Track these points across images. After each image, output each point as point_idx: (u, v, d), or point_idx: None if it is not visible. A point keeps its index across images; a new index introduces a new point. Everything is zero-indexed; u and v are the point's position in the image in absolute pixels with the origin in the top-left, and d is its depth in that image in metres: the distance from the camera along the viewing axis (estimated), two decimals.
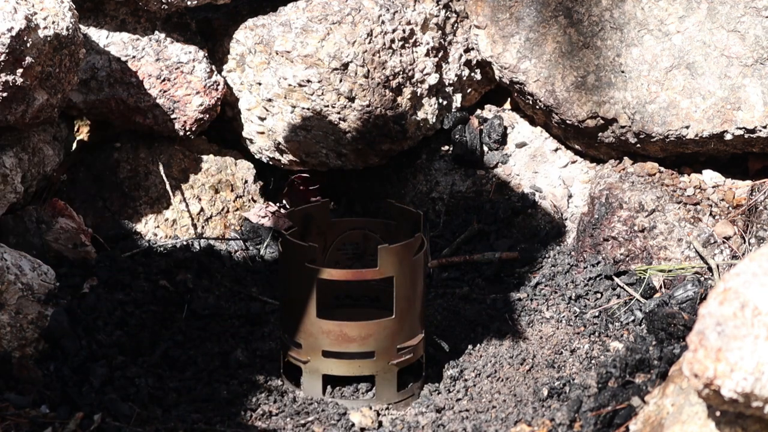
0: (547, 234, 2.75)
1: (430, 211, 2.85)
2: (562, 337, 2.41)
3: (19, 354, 2.20)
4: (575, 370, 2.31)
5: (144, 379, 2.20)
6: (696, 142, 2.67)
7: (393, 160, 2.89)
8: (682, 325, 2.27)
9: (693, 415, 1.63)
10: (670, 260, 2.59)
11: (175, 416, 2.12)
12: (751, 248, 2.58)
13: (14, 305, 2.23)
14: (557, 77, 2.75)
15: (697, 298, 2.41)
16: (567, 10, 2.75)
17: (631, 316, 2.47)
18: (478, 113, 2.97)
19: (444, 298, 2.56)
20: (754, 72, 2.61)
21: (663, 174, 2.72)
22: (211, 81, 2.77)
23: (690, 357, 1.44)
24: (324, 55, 2.73)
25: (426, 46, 2.83)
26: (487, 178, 2.86)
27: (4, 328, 2.20)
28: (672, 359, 2.08)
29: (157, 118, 2.76)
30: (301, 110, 2.78)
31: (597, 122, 2.72)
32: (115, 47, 2.72)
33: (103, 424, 2.03)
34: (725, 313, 1.42)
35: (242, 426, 2.11)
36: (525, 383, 2.25)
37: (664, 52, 2.68)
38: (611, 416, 1.96)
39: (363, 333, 2.16)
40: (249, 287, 2.59)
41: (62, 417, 2.04)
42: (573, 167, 2.85)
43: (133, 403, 2.13)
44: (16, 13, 2.30)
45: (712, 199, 2.69)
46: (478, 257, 2.69)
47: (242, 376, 2.28)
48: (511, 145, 2.92)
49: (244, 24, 2.83)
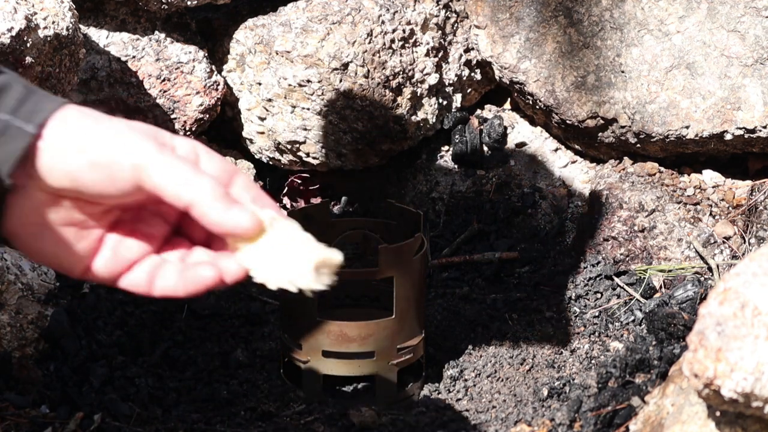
0: (547, 234, 2.75)
1: (430, 211, 2.85)
2: (562, 337, 2.41)
3: (19, 354, 2.20)
4: (575, 370, 2.31)
5: (144, 379, 2.20)
6: (696, 142, 2.68)
7: (393, 160, 2.89)
8: (682, 325, 2.27)
9: (693, 415, 1.63)
10: (670, 260, 2.59)
11: (175, 416, 2.12)
12: (751, 248, 2.58)
13: (14, 305, 2.23)
14: (557, 77, 2.75)
15: (697, 298, 2.41)
16: (567, 10, 2.75)
17: (631, 316, 2.47)
18: (478, 113, 2.97)
19: (444, 298, 2.56)
20: (754, 72, 2.61)
21: (663, 174, 2.72)
22: (211, 81, 2.77)
23: (690, 357, 1.44)
24: (324, 55, 2.73)
25: (426, 46, 2.83)
26: (487, 178, 2.86)
27: (4, 328, 2.20)
28: (672, 359, 2.08)
29: (157, 118, 2.76)
30: (301, 110, 2.78)
31: (597, 122, 2.72)
32: (115, 47, 2.72)
33: (103, 424, 2.03)
34: (725, 313, 1.42)
35: (242, 426, 2.11)
36: (525, 383, 2.25)
37: (664, 52, 2.68)
38: (611, 416, 1.96)
39: (363, 333, 2.17)
40: (249, 287, 2.59)
41: (62, 417, 2.04)
42: (573, 167, 2.85)
43: (133, 403, 2.13)
44: (16, 13, 2.30)
45: (712, 199, 2.69)
46: (478, 257, 2.69)
47: (242, 376, 2.28)
48: (511, 145, 2.92)
49: (244, 24, 2.83)
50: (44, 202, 1.16)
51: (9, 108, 1.13)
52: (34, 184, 1.15)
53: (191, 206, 1.15)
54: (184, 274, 1.20)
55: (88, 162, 1.14)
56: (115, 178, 1.14)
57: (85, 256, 1.19)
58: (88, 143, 1.14)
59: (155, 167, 1.14)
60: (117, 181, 1.14)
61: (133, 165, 1.14)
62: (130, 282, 1.21)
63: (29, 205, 1.16)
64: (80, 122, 1.15)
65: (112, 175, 1.14)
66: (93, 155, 1.14)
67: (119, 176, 1.14)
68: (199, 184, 1.14)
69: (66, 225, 1.18)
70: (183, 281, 1.20)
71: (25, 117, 1.13)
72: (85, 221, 1.19)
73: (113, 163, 1.14)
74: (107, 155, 1.14)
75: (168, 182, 1.14)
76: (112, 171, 1.14)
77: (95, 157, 1.14)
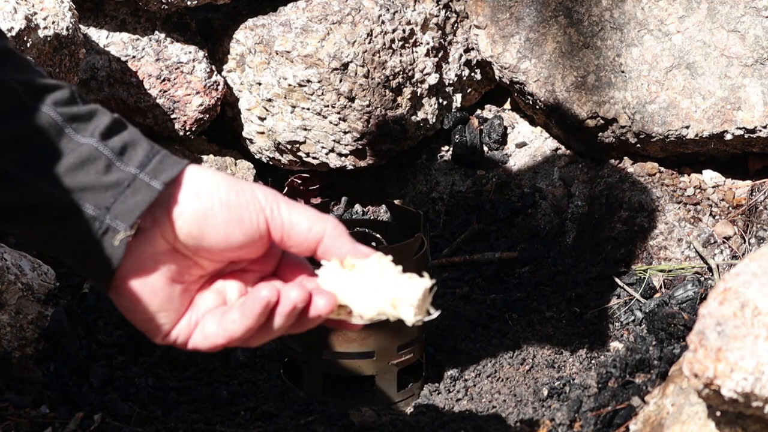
0: (547, 234, 2.75)
1: (430, 211, 2.85)
2: (562, 337, 2.41)
3: (19, 354, 2.20)
4: (575, 370, 2.31)
5: (144, 379, 2.20)
6: (696, 142, 2.67)
7: (393, 160, 2.89)
8: (682, 325, 2.27)
9: (693, 415, 1.63)
10: (670, 260, 2.59)
11: (175, 416, 2.12)
12: (751, 248, 2.58)
13: (14, 305, 2.23)
14: (557, 77, 2.75)
15: (697, 298, 2.41)
16: (567, 10, 2.75)
17: (631, 316, 2.47)
18: (478, 113, 2.97)
19: (444, 298, 2.56)
20: (754, 72, 2.61)
21: (663, 174, 2.72)
22: (211, 81, 2.77)
23: (690, 357, 1.44)
24: (324, 55, 2.73)
25: (426, 46, 2.83)
26: (487, 178, 2.85)
27: (4, 328, 2.20)
28: (672, 359, 2.09)
29: (157, 118, 2.76)
30: (301, 110, 2.78)
31: (597, 122, 2.72)
32: (115, 47, 2.72)
33: (103, 424, 2.03)
34: (725, 313, 1.42)
35: (242, 426, 2.11)
36: (525, 383, 2.25)
37: (664, 52, 2.68)
38: (611, 416, 1.96)
39: (363, 333, 2.17)
40: None
41: (62, 417, 2.04)
42: (573, 167, 2.85)
43: (133, 403, 2.13)
44: (16, 13, 2.30)
45: (712, 199, 2.69)
46: (478, 257, 2.69)
47: (242, 376, 2.28)
48: (511, 145, 2.92)
49: (244, 24, 2.83)
50: (163, 252, 1.21)
51: (137, 163, 1.19)
52: (159, 231, 1.20)
53: (322, 239, 1.22)
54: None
55: (219, 202, 1.20)
56: (243, 218, 1.21)
57: (176, 317, 1.25)
58: (215, 188, 1.21)
59: (284, 205, 1.22)
60: (245, 222, 1.21)
61: (261, 204, 1.21)
62: (202, 335, 1.25)
63: (149, 252, 1.21)
64: (204, 173, 1.21)
65: (241, 214, 1.21)
66: (222, 196, 1.21)
67: (247, 216, 1.21)
68: (327, 219, 1.23)
69: (174, 282, 1.23)
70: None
71: (152, 173, 1.19)
72: (191, 283, 1.24)
73: (242, 202, 1.21)
74: (236, 196, 1.21)
75: (300, 217, 1.22)
76: (241, 210, 1.21)
77: (225, 197, 1.21)
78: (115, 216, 1.17)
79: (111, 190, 1.17)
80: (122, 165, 1.18)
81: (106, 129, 1.19)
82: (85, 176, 1.17)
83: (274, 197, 1.23)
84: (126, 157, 1.18)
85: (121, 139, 1.19)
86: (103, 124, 1.19)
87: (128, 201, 1.17)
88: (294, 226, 1.22)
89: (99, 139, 1.18)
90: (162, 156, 1.20)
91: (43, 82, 1.19)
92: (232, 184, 1.21)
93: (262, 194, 1.22)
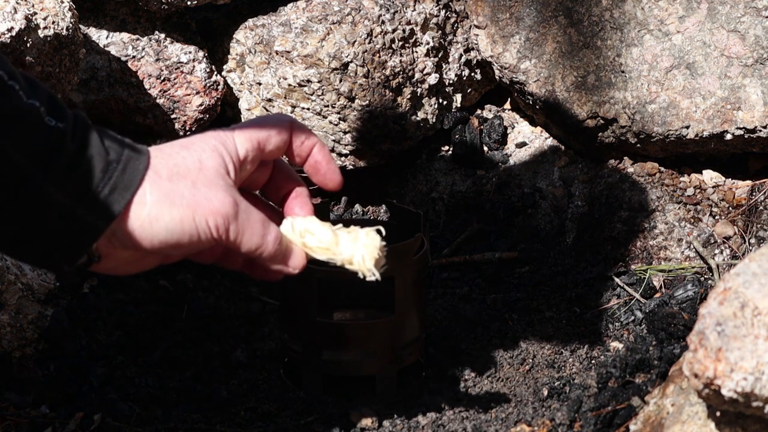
0: (547, 234, 2.75)
1: (430, 211, 2.85)
2: (562, 337, 2.41)
3: (19, 354, 2.20)
4: (575, 370, 2.31)
5: (144, 379, 2.20)
6: (696, 142, 2.68)
7: (393, 160, 2.89)
8: (682, 325, 2.27)
9: (693, 415, 1.63)
10: (670, 260, 2.59)
11: (175, 416, 2.12)
12: (751, 248, 2.58)
13: (14, 305, 2.23)
14: (557, 77, 2.75)
15: (697, 298, 2.41)
16: (567, 10, 2.75)
17: (631, 316, 2.47)
18: (478, 113, 2.97)
19: (444, 298, 2.56)
20: (754, 72, 2.61)
21: (663, 174, 2.73)
22: (211, 81, 2.77)
23: (690, 357, 1.45)
24: (324, 55, 2.73)
25: (426, 46, 2.83)
26: (487, 178, 2.85)
27: (4, 328, 2.20)
28: (672, 359, 2.09)
29: (157, 118, 2.76)
30: (301, 110, 2.78)
31: (597, 122, 2.73)
32: (115, 47, 2.72)
33: (103, 424, 2.03)
34: (725, 313, 1.42)
35: (242, 426, 2.10)
36: (525, 383, 2.25)
37: (664, 52, 2.68)
38: (611, 416, 1.96)
39: (363, 333, 2.17)
40: (249, 287, 2.59)
41: (62, 417, 2.04)
42: (573, 167, 2.85)
43: (133, 403, 2.13)
44: (16, 14, 2.30)
45: (712, 199, 2.69)
46: (478, 257, 2.69)
47: (242, 376, 2.28)
48: (511, 145, 2.92)
49: (244, 24, 2.83)
50: (131, 256, 1.43)
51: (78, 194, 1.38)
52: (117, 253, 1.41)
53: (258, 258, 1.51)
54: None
55: (165, 230, 1.40)
56: (194, 243, 1.42)
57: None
58: (163, 216, 1.40)
59: (232, 228, 1.45)
60: (195, 244, 1.43)
61: (209, 230, 1.43)
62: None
63: (120, 260, 1.44)
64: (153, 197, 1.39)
65: (192, 238, 1.41)
66: (170, 225, 1.41)
67: (197, 242, 1.43)
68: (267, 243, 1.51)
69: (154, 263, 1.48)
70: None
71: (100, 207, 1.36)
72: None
73: (190, 230, 1.41)
74: (182, 225, 1.41)
75: (244, 242, 1.49)
76: (191, 237, 1.41)
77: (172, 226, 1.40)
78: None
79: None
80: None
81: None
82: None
83: (228, 216, 1.46)
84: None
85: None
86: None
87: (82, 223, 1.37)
88: (238, 249, 1.50)
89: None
90: (111, 186, 1.37)
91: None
92: (180, 211, 1.43)
93: (212, 214, 1.44)
